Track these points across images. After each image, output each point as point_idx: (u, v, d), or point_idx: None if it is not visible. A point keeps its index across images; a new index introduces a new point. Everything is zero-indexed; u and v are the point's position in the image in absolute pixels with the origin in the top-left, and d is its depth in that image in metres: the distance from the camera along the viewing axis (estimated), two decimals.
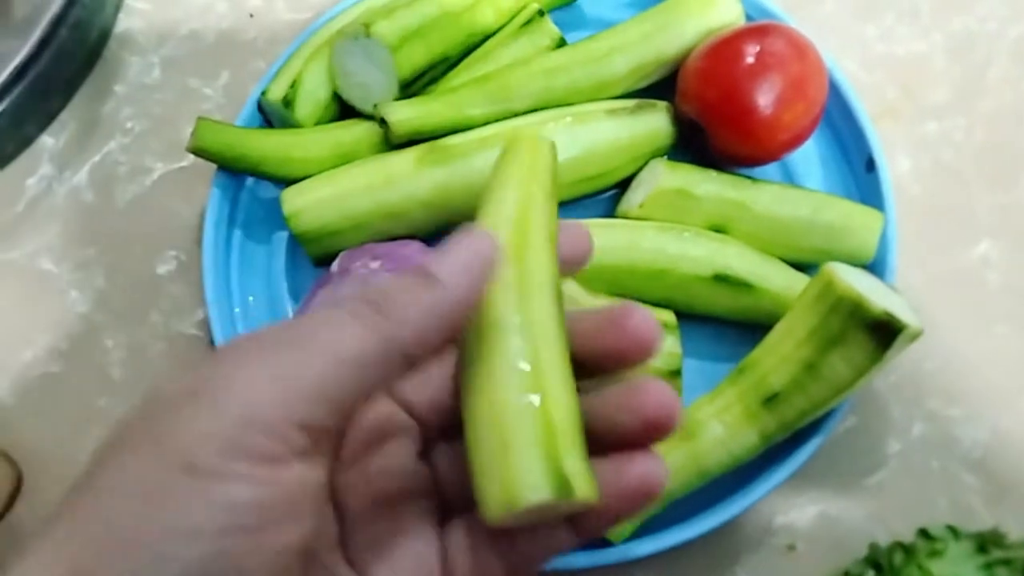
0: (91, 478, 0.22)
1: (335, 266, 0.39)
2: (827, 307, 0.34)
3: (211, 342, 0.42)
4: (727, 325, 0.40)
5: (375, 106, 0.40)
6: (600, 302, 0.37)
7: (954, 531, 0.35)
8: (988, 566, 0.34)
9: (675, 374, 0.37)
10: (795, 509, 0.39)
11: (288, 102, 0.43)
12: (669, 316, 0.38)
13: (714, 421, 0.36)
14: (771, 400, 0.35)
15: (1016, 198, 0.43)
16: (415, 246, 0.39)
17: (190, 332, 0.45)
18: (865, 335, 0.33)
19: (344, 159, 0.42)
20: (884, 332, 0.33)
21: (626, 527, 0.36)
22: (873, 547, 0.36)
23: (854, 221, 0.39)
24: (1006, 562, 0.34)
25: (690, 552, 0.38)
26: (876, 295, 0.34)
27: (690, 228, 0.39)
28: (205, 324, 0.45)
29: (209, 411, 0.21)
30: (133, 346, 0.45)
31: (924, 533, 0.35)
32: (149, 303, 0.46)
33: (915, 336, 0.33)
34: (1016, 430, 0.39)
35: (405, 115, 0.40)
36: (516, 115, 0.41)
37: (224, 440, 0.21)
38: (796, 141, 0.40)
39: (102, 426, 0.43)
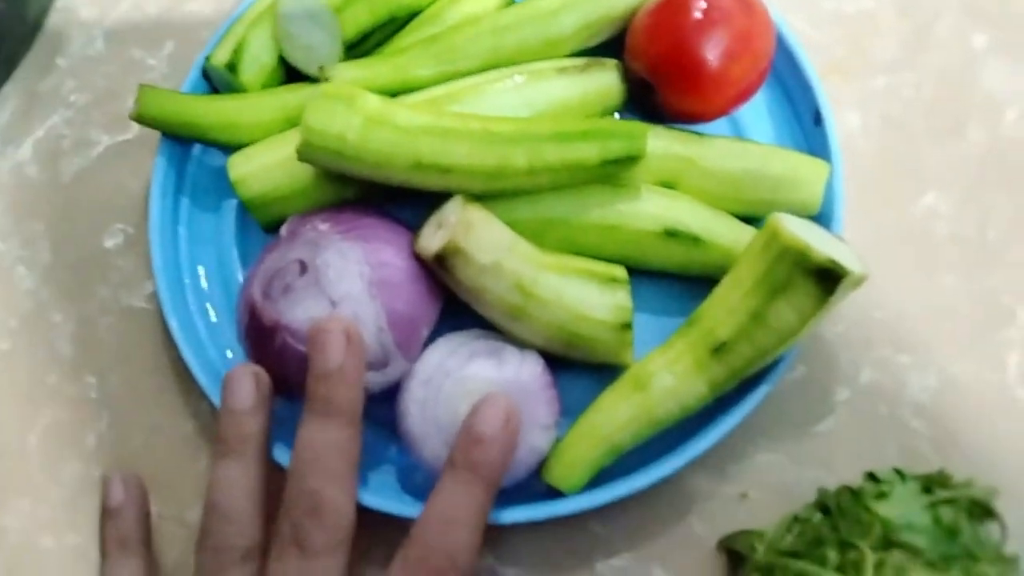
0: None
1: (283, 230, 0.38)
2: (773, 256, 0.34)
3: (161, 313, 0.41)
4: (679, 280, 0.41)
5: (320, 68, 0.40)
6: (556, 262, 0.37)
7: (900, 474, 0.36)
8: (932, 506, 0.35)
9: (625, 327, 0.37)
10: (747, 458, 0.39)
11: (232, 66, 0.42)
12: (620, 271, 0.38)
13: (664, 372, 0.36)
14: (719, 350, 0.36)
15: (962, 150, 0.44)
16: (374, 219, 0.39)
17: (139, 305, 0.45)
18: (810, 282, 0.34)
19: (291, 123, 0.41)
20: (828, 278, 0.33)
21: (580, 478, 0.36)
22: (822, 491, 0.37)
23: (800, 172, 0.39)
24: (950, 501, 0.35)
25: (644, 501, 0.39)
26: (821, 243, 0.34)
27: (640, 185, 0.39)
28: (155, 297, 0.44)
29: None
30: (82, 321, 0.45)
31: (871, 476, 0.36)
32: (97, 277, 0.45)
33: (859, 282, 0.34)
34: (963, 376, 0.40)
35: (350, 77, 0.39)
36: (464, 75, 0.41)
37: None
38: (744, 96, 0.40)
39: (53, 403, 0.43)
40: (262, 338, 0.36)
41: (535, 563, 0.39)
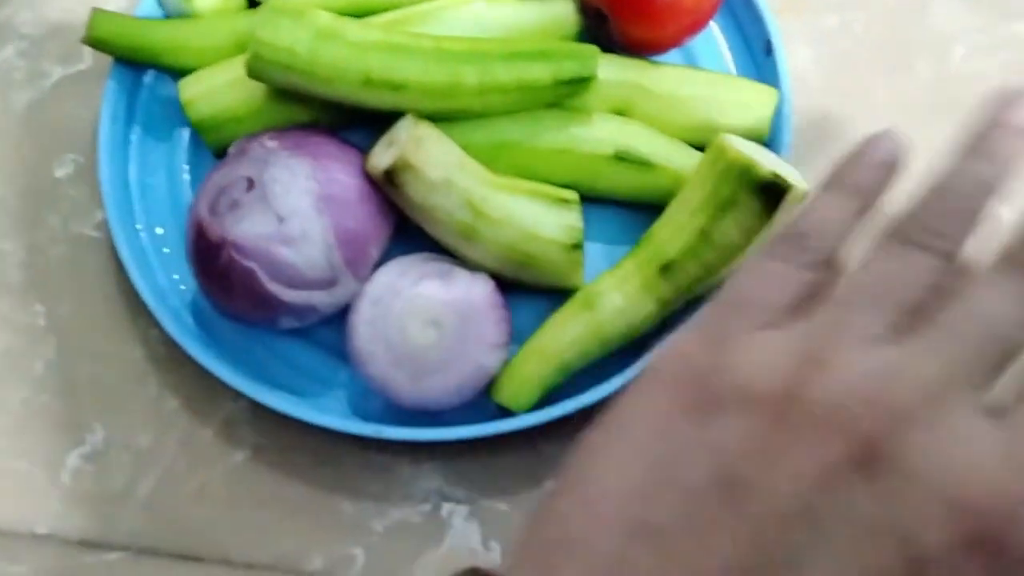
0: None
1: (232, 149, 0.38)
2: (719, 173, 0.35)
3: (112, 241, 0.41)
4: (633, 209, 0.41)
5: None
6: (507, 183, 0.38)
7: None
8: None
9: (576, 247, 0.37)
10: None
11: None
12: (571, 194, 0.38)
13: (613, 292, 0.37)
14: (667, 268, 0.36)
15: (911, 84, 0.44)
16: (324, 137, 0.38)
17: (90, 234, 0.44)
18: (754, 198, 0.34)
19: (243, 48, 0.40)
20: (772, 193, 0.34)
21: (529, 397, 0.37)
22: None
23: (749, 98, 0.39)
24: None
25: (592, 420, 0.39)
26: (765, 162, 0.35)
27: (592, 110, 0.40)
28: (105, 225, 0.44)
29: None
30: (32, 249, 0.44)
31: None
32: (47, 206, 0.45)
33: (802, 198, 0.34)
34: None
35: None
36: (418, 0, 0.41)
37: None
38: (696, 25, 0.41)
39: (1, 331, 0.42)
40: (208, 255, 0.36)
41: (484, 484, 0.39)
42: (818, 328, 0.25)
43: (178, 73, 0.42)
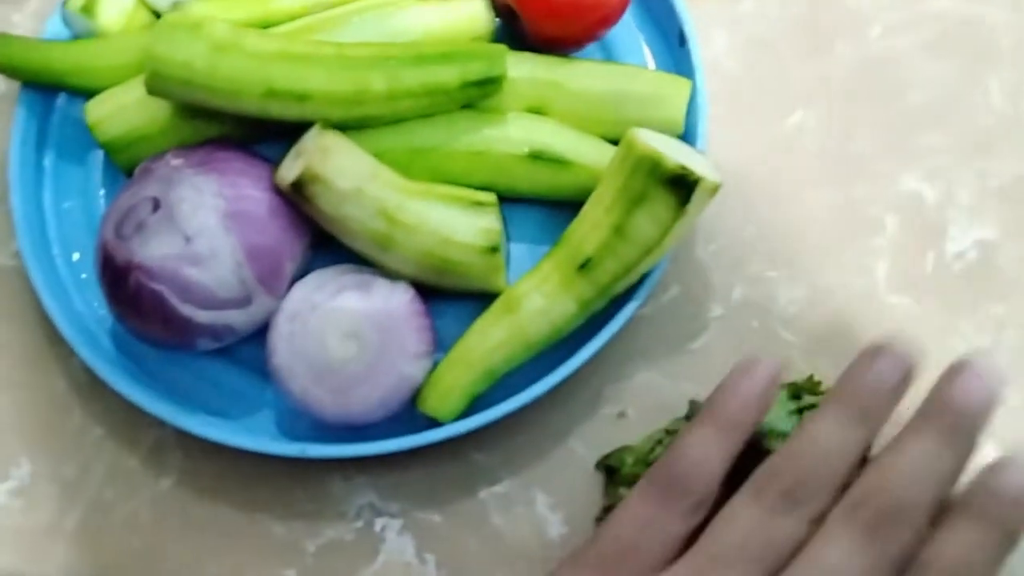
0: None
1: (138, 170, 0.37)
2: (629, 168, 0.34)
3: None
4: (555, 209, 0.40)
5: (173, 5, 0.39)
6: (421, 188, 0.37)
7: None
8: (799, 411, 0.36)
9: (493, 250, 0.37)
10: (624, 379, 0.39)
11: (88, 9, 0.41)
12: (487, 196, 0.38)
13: (534, 293, 0.36)
14: (585, 266, 0.36)
15: (827, 68, 0.44)
16: (231, 152, 0.38)
17: (6, 263, 0.43)
18: (665, 191, 0.34)
19: None
20: (681, 186, 0.33)
21: (455, 406, 0.36)
22: (692, 403, 0.37)
23: (663, 90, 0.39)
24: (815, 406, 0.36)
25: (524, 427, 0.39)
26: (677, 154, 0.35)
27: (507, 111, 0.39)
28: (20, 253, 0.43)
29: None
30: None
31: None
32: None
33: (714, 190, 0.34)
34: (830, 286, 0.41)
35: (205, 11, 0.39)
36: (326, 7, 0.40)
37: None
38: (606, 21, 0.40)
39: None
40: (117, 280, 0.35)
41: (418, 497, 0.38)
42: None
43: (88, 95, 0.41)
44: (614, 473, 0.37)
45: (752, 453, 0.34)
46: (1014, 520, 0.28)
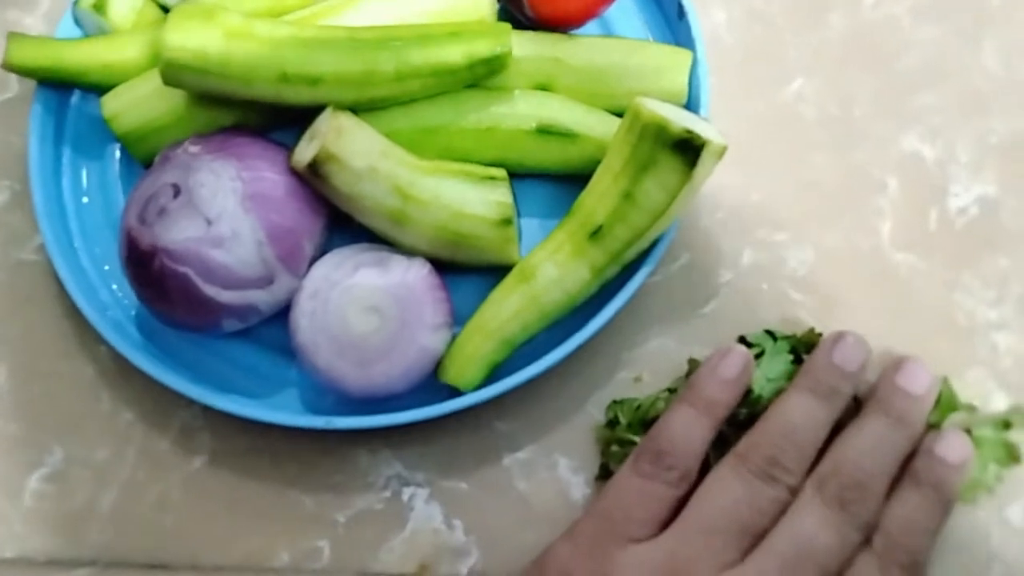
0: None
1: (157, 159, 0.38)
2: (636, 135, 0.35)
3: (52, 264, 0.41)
4: (564, 183, 0.41)
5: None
6: (432, 165, 0.38)
7: (771, 335, 0.37)
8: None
9: (506, 222, 0.38)
10: (638, 345, 0.40)
11: (100, 7, 0.42)
12: (498, 171, 0.39)
13: (547, 263, 0.37)
14: (596, 234, 0.37)
15: (823, 37, 0.45)
16: (247, 138, 0.39)
17: (30, 259, 0.44)
18: (672, 156, 0.35)
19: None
20: (688, 149, 0.34)
21: (475, 375, 0.37)
22: (691, 362, 0.38)
23: (664, 61, 0.40)
24: None
25: (543, 394, 0.40)
26: (681, 120, 0.35)
27: (513, 88, 0.40)
28: (44, 248, 0.44)
29: None
30: None
31: (743, 340, 0.37)
32: None
33: (719, 153, 0.35)
34: (836, 246, 0.41)
35: (214, 2, 0.39)
36: None
37: None
38: None
39: None
40: (141, 264, 0.36)
41: (443, 466, 0.39)
42: (682, 548, 0.32)
43: (102, 90, 0.42)
44: (614, 427, 0.38)
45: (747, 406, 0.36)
46: (948, 485, 0.34)
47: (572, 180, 0.41)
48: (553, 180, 0.42)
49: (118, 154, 0.44)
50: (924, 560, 0.34)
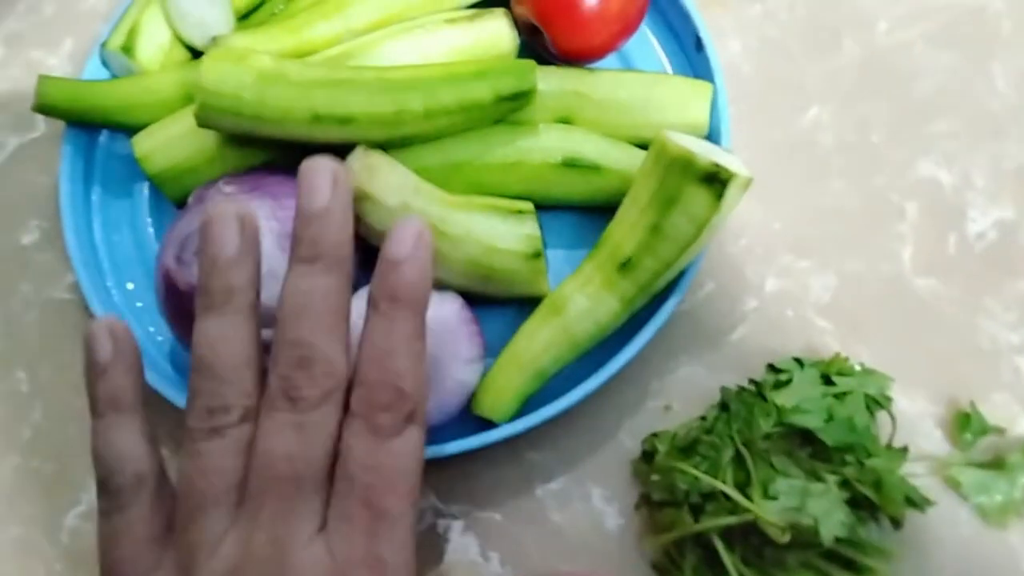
0: None
1: (191, 198, 0.39)
2: (663, 169, 0.36)
3: (85, 303, 0.42)
4: (589, 214, 0.42)
5: (213, 39, 0.41)
6: (462, 201, 0.39)
7: (799, 362, 0.38)
8: (831, 396, 0.37)
9: (536, 255, 0.38)
10: (668, 373, 0.41)
11: (128, 49, 0.43)
12: (525, 204, 0.39)
13: (578, 294, 0.38)
14: (625, 266, 0.37)
15: (838, 64, 0.46)
16: (280, 176, 0.39)
17: (62, 296, 0.45)
18: (699, 189, 0.35)
19: (191, 99, 0.41)
20: (715, 182, 0.35)
21: (509, 407, 0.38)
22: (724, 391, 0.39)
23: (685, 94, 0.41)
24: (847, 393, 0.37)
25: (574, 425, 0.40)
26: (707, 153, 0.36)
27: (538, 122, 0.41)
28: (76, 287, 0.44)
29: None
30: (7, 318, 0.45)
31: (772, 367, 0.38)
32: (17, 274, 0.45)
33: (746, 184, 0.36)
34: (858, 272, 0.42)
35: (243, 44, 0.40)
36: (358, 35, 0.42)
37: None
38: (626, 31, 0.42)
39: None
40: (179, 304, 0.37)
41: (478, 498, 0.40)
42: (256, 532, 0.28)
43: (130, 130, 0.43)
44: (651, 459, 0.38)
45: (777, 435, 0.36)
46: (404, 287, 0.29)
47: (596, 211, 0.42)
48: (577, 211, 0.42)
49: (147, 192, 0.45)
50: (415, 389, 0.29)
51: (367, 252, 0.39)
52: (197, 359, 0.29)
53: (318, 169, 0.30)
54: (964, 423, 0.39)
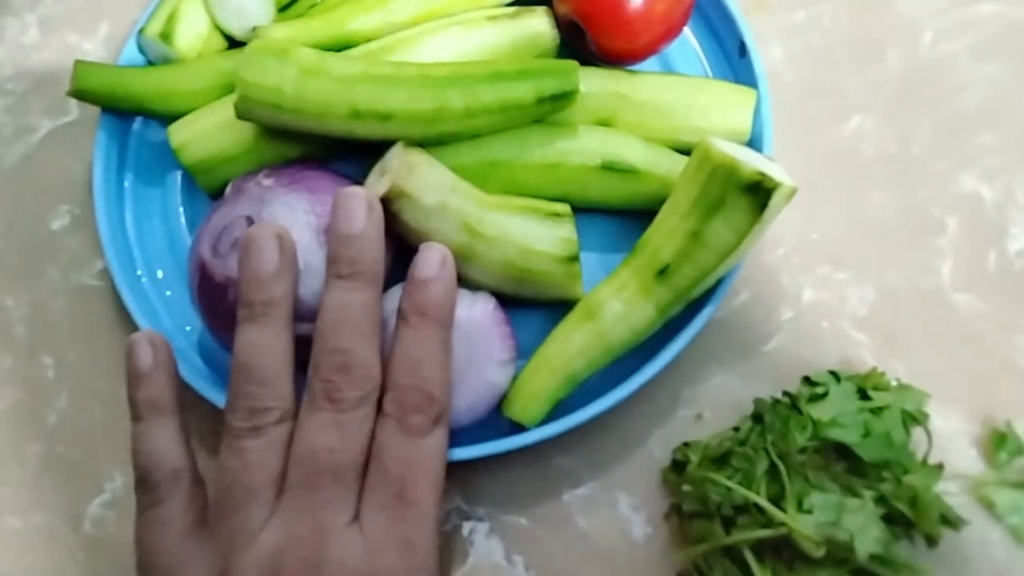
0: None
1: (228, 189, 0.39)
2: (705, 175, 0.36)
3: (115, 289, 0.42)
4: (625, 217, 0.42)
5: (253, 30, 0.40)
6: (499, 201, 0.38)
7: (835, 375, 0.37)
8: (867, 411, 0.37)
9: (572, 259, 0.38)
10: (700, 382, 0.40)
11: (167, 36, 0.42)
12: (562, 207, 0.39)
13: (613, 300, 0.37)
14: (663, 272, 0.37)
15: (881, 73, 0.45)
16: (318, 171, 0.39)
17: (91, 283, 0.45)
18: (742, 197, 0.35)
19: (228, 89, 0.41)
20: (759, 192, 0.34)
21: (540, 410, 0.37)
22: (758, 402, 0.38)
23: (729, 99, 0.40)
24: (884, 408, 0.37)
25: (605, 431, 0.40)
26: (750, 161, 0.36)
27: (577, 123, 0.41)
28: (106, 273, 0.44)
29: None
30: (35, 303, 0.44)
31: (807, 380, 0.37)
32: (46, 259, 0.45)
33: (790, 195, 0.35)
34: (897, 285, 0.42)
35: (283, 35, 0.40)
36: (398, 28, 0.41)
37: None
38: (670, 33, 0.42)
39: (11, 385, 0.43)
40: (214, 295, 0.36)
41: (504, 501, 0.39)
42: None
43: (166, 118, 0.43)
44: (682, 469, 0.38)
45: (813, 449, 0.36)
46: (431, 304, 0.34)
47: (631, 215, 0.41)
48: (612, 214, 0.42)
49: (179, 180, 0.45)
50: (442, 394, 0.33)
51: (401, 250, 0.39)
52: (239, 364, 0.33)
53: (354, 195, 0.35)
54: (999, 442, 0.38)
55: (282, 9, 0.42)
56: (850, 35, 0.46)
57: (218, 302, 0.36)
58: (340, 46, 0.41)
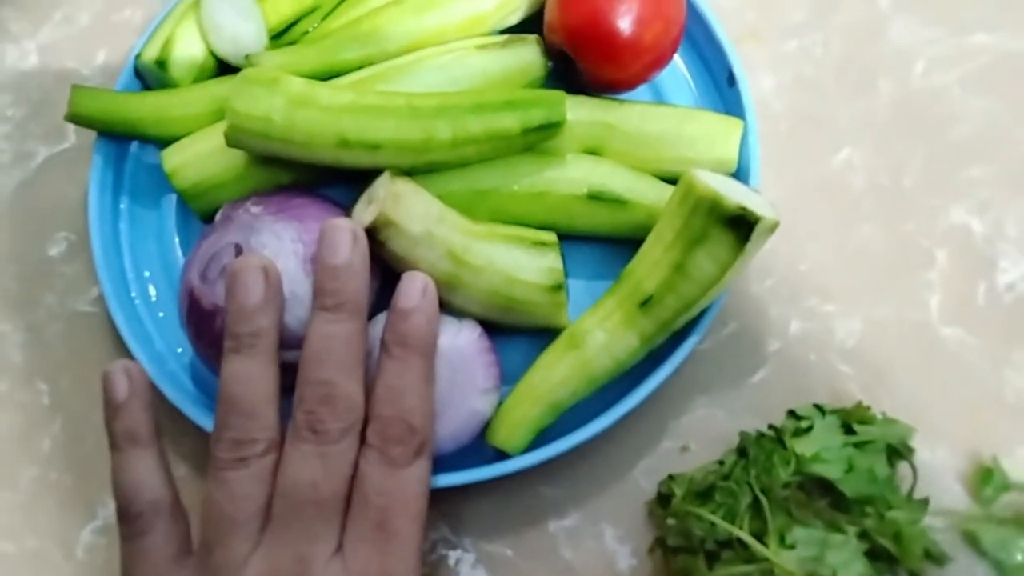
0: None
1: (218, 216, 0.39)
2: (689, 208, 0.36)
3: (110, 316, 0.42)
4: (611, 245, 0.42)
5: (246, 57, 0.41)
6: (485, 230, 0.39)
7: (820, 409, 0.37)
8: (851, 445, 0.37)
9: (557, 288, 0.38)
10: (686, 413, 0.40)
11: (162, 63, 0.43)
12: (548, 235, 0.39)
13: (597, 329, 0.38)
14: (646, 303, 0.37)
15: (872, 104, 0.45)
16: (306, 199, 0.39)
17: (86, 309, 0.45)
18: (724, 230, 0.35)
19: (222, 114, 0.42)
20: (741, 225, 0.34)
21: (523, 438, 0.37)
22: (743, 435, 0.38)
23: (715, 130, 0.40)
24: (869, 442, 0.37)
25: (590, 461, 0.40)
26: (734, 194, 0.36)
27: (565, 152, 0.41)
28: (101, 300, 0.45)
29: None
30: (31, 329, 0.45)
31: (792, 414, 0.37)
32: (43, 286, 0.46)
33: (772, 228, 0.35)
34: (884, 318, 0.41)
35: (276, 63, 0.40)
36: (389, 57, 0.42)
37: None
38: (659, 62, 0.42)
39: (5, 411, 0.43)
40: (203, 322, 0.37)
41: (490, 531, 0.39)
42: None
43: (161, 142, 0.43)
44: (667, 502, 0.38)
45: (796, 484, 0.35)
46: (412, 335, 0.34)
47: (619, 243, 0.41)
48: (599, 243, 0.42)
49: (175, 204, 0.45)
50: (424, 425, 0.34)
51: (388, 278, 0.39)
52: (225, 396, 0.33)
53: (339, 227, 0.35)
54: (986, 478, 0.38)
55: (275, 37, 0.42)
56: (842, 65, 0.46)
57: (206, 328, 0.37)
58: (332, 74, 0.41)
